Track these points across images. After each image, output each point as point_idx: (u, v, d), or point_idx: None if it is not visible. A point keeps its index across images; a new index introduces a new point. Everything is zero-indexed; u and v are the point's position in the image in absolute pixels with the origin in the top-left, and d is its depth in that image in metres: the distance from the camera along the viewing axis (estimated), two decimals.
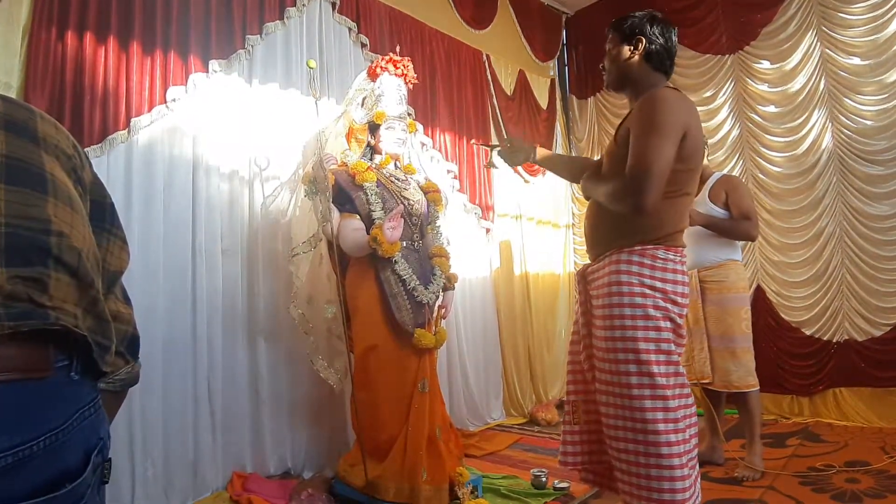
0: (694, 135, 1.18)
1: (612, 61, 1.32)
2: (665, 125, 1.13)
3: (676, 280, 1.20)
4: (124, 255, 0.66)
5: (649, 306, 1.17)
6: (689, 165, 1.21)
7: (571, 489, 1.99)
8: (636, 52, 1.27)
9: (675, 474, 1.11)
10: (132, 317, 0.66)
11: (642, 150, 1.13)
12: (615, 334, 1.19)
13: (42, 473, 0.48)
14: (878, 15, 2.77)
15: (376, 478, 1.81)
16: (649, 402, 1.14)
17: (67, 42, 1.74)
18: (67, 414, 0.51)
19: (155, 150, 1.93)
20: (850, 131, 2.87)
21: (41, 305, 0.49)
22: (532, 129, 3.61)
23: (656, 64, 1.27)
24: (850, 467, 2.09)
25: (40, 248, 0.50)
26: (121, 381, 0.64)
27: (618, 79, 1.32)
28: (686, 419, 1.18)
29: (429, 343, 1.90)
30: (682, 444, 1.14)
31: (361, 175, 1.95)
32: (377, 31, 2.69)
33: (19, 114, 0.56)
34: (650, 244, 1.20)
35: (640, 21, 1.28)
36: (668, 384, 1.16)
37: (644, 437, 1.14)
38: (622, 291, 1.19)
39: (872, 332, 2.77)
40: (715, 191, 2.18)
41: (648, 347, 1.16)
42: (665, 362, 1.17)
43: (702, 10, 3.35)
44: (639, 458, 1.14)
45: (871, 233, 2.80)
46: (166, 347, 1.89)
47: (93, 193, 0.62)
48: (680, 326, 1.22)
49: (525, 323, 3.39)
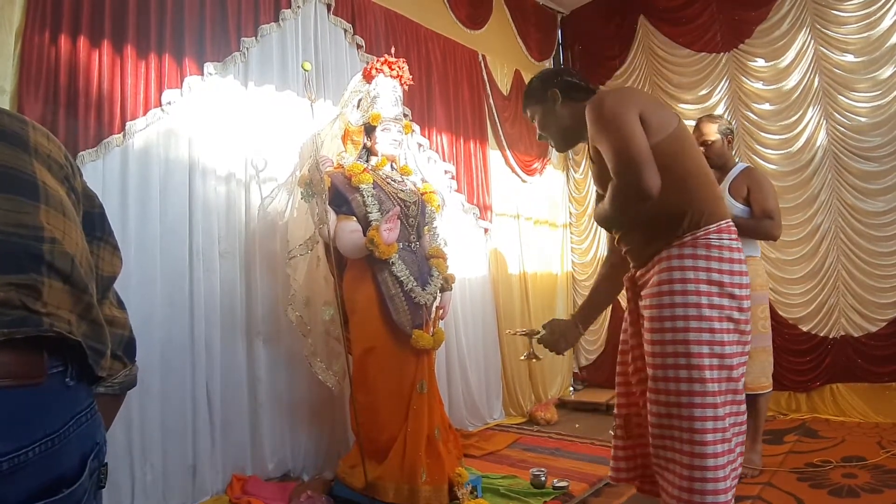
0: (649, 109, 1.14)
1: (545, 126, 1.32)
2: (614, 113, 1.11)
3: (734, 270, 1.12)
4: (116, 261, 0.67)
5: (704, 305, 1.09)
6: (663, 135, 1.13)
7: (571, 488, 1.99)
8: (556, 102, 1.28)
9: (718, 487, 1.05)
10: (127, 321, 0.67)
11: (612, 145, 1.10)
12: (665, 337, 1.11)
13: (38, 479, 0.48)
14: (871, 12, 2.78)
15: (376, 479, 1.82)
16: (698, 410, 1.07)
17: (61, 45, 1.74)
18: (63, 419, 0.51)
19: (151, 153, 1.92)
20: (844, 128, 2.88)
21: (35, 312, 0.49)
22: (529, 129, 3.61)
23: (579, 96, 1.27)
24: (848, 463, 2.10)
25: (33, 255, 0.51)
26: (119, 385, 0.65)
27: (559, 132, 1.31)
28: (734, 427, 1.11)
29: (427, 344, 1.90)
30: (727, 455, 1.07)
31: (358, 177, 1.95)
32: (373, 32, 2.69)
33: (12, 124, 0.57)
34: (700, 229, 1.12)
35: (541, 80, 1.32)
36: (718, 390, 1.08)
37: (691, 448, 1.06)
38: (674, 290, 1.11)
39: (869, 328, 2.78)
40: (736, 185, 2.09)
41: (702, 350, 1.08)
42: (718, 367, 1.09)
43: (696, 9, 3.36)
44: (683, 470, 1.07)
45: (866, 229, 2.82)
46: (164, 350, 1.89)
47: (84, 203, 0.63)
48: (740, 322, 1.12)
49: (524, 322, 3.39)
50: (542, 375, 3.43)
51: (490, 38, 3.40)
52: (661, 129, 1.14)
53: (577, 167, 3.96)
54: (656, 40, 3.55)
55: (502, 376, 3.21)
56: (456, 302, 2.83)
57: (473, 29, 3.29)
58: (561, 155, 3.93)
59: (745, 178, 2.10)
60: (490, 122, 3.35)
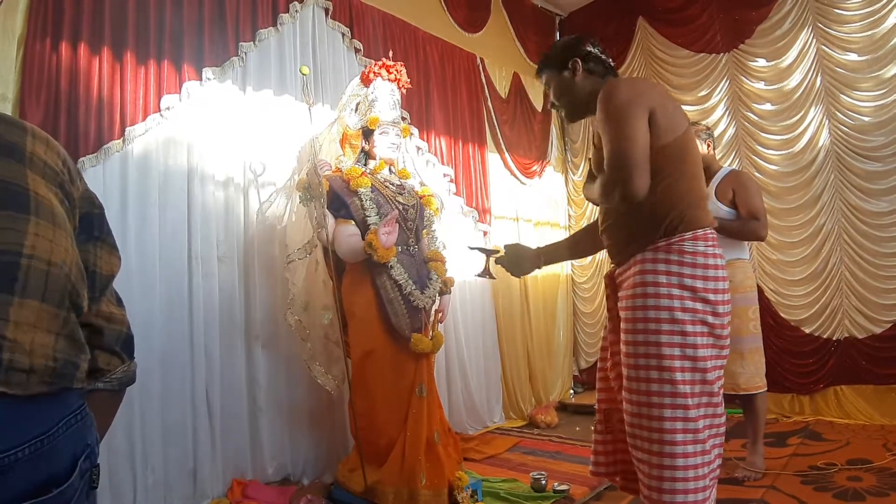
0: (661, 108, 1.13)
1: (559, 95, 1.29)
2: (623, 108, 1.10)
3: (707, 276, 1.12)
4: (115, 260, 0.67)
5: (676, 308, 1.10)
6: (670, 138, 1.13)
7: (571, 492, 1.98)
8: (577, 72, 1.26)
9: (688, 486, 1.06)
10: (125, 317, 0.68)
11: (612, 141, 1.10)
12: (637, 338, 1.14)
13: (28, 480, 0.49)
14: (875, 10, 2.76)
15: (375, 483, 1.81)
16: (669, 410, 1.08)
17: (62, 52, 1.75)
18: (52, 422, 0.52)
19: (150, 158, 1.94)
20: (847, 128, 2.86)
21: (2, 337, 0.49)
22: (527, 132, 3.62)
23: (599, 71, 1.26)
24: (853, 465, 2.08)
25: (8, 275, 0.50)
26: (118, 381, 0.65)
27: (573, 105, 1.29)
28: (709, 429, 1.11)
29: (425, 348, 1.90)
30: (701, 456, 1.08)
31: (356, 181, 1.96)
32: (370, 36, 2.69)
33: (11, 134, 0.57)
34: (675, 235, 1.13)
35: (565, 46, 1.29)
36: (690, 392, 1.10)
37: (660, 447, 1.09)
38: (647, 293, 1.13)
39: (873, 330, 2.75)
40: (722, 188, 2.10)
41: (673, 353, 1.10)
42: (690, 369, 1.10)
43: (695, 9, 3.35)
44: (652, 470, 1.10)
45: (869, 229, 2.79)
46: (164, 355, 1.89)
47: (82, 207, 0.63)
48: (715, 327, 1.13)
49: (524, 325, 3.38)
50: (542, 378, 3.41)
51: (488, 41, 3.40)
52: (669, 131, 1.14)
53: (576, 170, 3.95)
54: (655, 41, 3.54)
55: (502, 379, 3.20)
56: (455, 305, 2.83)
57: (472, 32, 3.29)
58: (560, 157, 3.93)
59: (731, 180, 2.11)
60: (489, 124, 3.35)
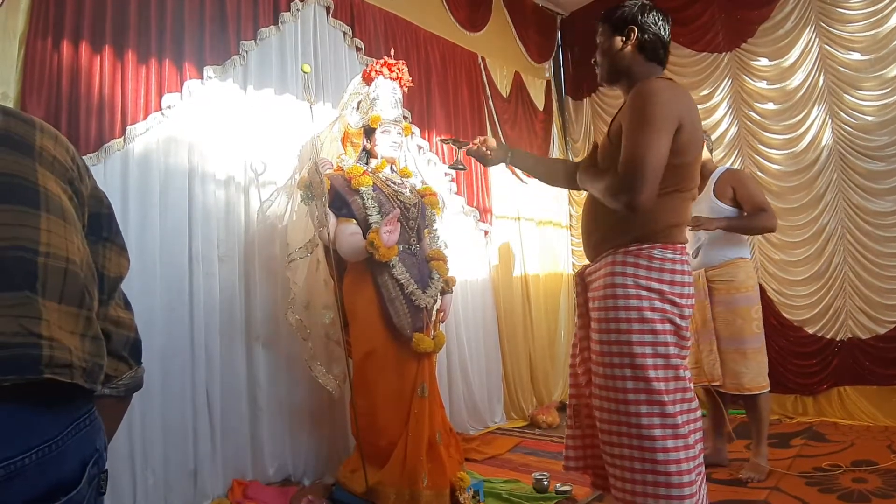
0: (689, 127, 1.13)
1: (603, 54, 1.26)
2: (657, 118, 1.08)
3: (674, 281, 1.16)
4: (123, 262, 0.66)
5: (645, 308, 1.13)
6: (686, 159, 1.15)
7: (574, 493, 1.97)
8: (629, 42, 1.22)
9: (671, 480, 1.08)
10: (133, 322, 0.66)
11: (634, 147, 1.09)
12: (610, 338, 1.16)
13: (36, 486, 0.47)
14: (878, 9, 2.75)
15: (376, 484, 1.80)
16: (645, 406, 1.11)
17: (63, 51, 1.75)
18: (61, 426, 0.50)
19: (151, 157, 1.93)
20: (850, 127, 2.84)
21: (37, 336, 0.48)
22: (529, 131, 3.61)
23: (650, 54, 1.22)
24: (857, 467, 2.06)
25: (28, 272, 0.49)
26: (125, 387, 0.64)
27: (610, 72, 1.26)
28: (688, 424, 1.14)
29: (427, 347, 1.89)
30: (684, 451, 1.10)
31: (357, 179, 1.95)
32: (372, 34, 2.69)
33: (19, 128, 0.56)
34: (646, 243, 1.16)
35: (632, 10, 1.22)
36: (665, 389, 1.12)
37: (640, 442, 1.11)
38: (616, 294, 1.15)
39: (877, 330, 2.74)
40: (720, 187, 2.10)
41: (644, 351, 1.12)
42: (663, 366, 1.13)
43: (697, 8, 3.34)
44: (634, 465, 1.11)
45: (873, 229, 2.78)
46: (164, 355, 1.89)
47: (91, 205, 0.62)
48: (681, 328, 1.17)
49: (525, 325, 3.37)
50: (543, 378, 3.40)
51: (490, 41, 3.39)
52: (687, 151, 1.15)
53: None
54: None
55: (503, 379, 3.19)
56: (457, 305, 2.82)
57: (473, 31, 3.28)
58: (561, 156, 3.91)
59: (729, 178, 2.11)
60: (490, 123, 3.34)
